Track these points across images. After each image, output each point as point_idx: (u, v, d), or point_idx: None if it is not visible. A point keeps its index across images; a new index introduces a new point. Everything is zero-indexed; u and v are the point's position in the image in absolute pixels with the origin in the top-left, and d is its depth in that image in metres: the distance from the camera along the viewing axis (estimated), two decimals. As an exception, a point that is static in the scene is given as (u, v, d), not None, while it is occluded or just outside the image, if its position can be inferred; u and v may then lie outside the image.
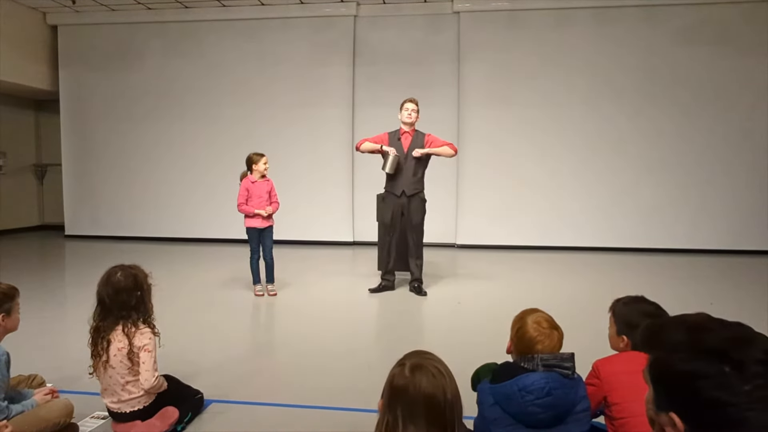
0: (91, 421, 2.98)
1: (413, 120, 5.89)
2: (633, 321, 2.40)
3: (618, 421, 2.21)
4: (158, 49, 10.02)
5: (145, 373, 2.78)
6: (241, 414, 3.13)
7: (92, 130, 10.35)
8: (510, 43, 9.23)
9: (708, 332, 1.03)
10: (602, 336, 2.64)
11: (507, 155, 9.33)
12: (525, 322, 2.22)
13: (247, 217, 5.90)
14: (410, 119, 5.87)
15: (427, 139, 5.91)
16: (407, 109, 5.87)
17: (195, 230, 9.97)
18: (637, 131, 9.07)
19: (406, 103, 5.90)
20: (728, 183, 8.93)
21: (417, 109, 5.89)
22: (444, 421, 1.55)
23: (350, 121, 9.63)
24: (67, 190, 10.55)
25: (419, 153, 5.82)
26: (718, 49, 8.80)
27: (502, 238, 9.33)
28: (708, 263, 8.17)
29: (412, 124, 5.91)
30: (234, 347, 4.35)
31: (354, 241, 9.68)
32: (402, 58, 9.46)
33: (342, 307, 5.76)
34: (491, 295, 6.14)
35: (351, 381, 3.61)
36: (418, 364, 1.61)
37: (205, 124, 9.93)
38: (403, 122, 5.90)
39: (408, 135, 5.93)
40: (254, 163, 5.84)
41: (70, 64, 10.27)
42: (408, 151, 5.86)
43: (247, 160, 5.93)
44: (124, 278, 2.81)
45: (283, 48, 9.69)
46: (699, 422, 1.01)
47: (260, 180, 5.86)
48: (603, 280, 7.01)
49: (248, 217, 5.89)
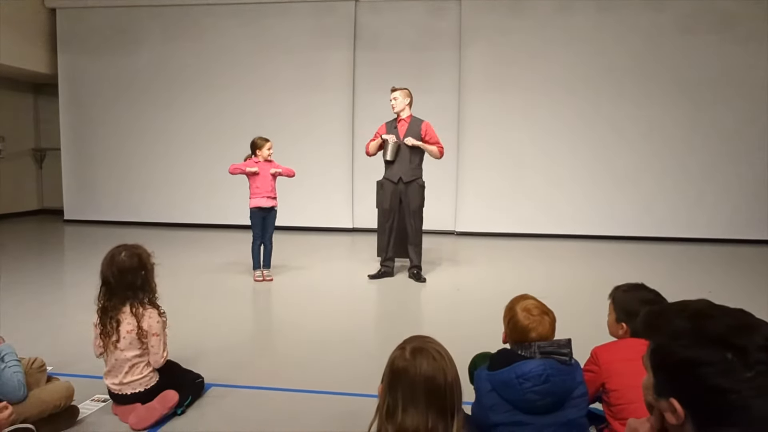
0: (91, 403, 2.99)
1: (397, 108, 5.90)
2: (632, 308, 2.41)
3: (616, 408, 2.22)
4: (157, 32, 9.95)
5: (154, 355, 2.87)
6: (241, 398, 3.14)
7: (91, 114, 10.29)
8: (511, 29, 9.17)
9: (710, 319, 1.03)
10: (601, 323, 2.65)
11: (507, 142, 9.30)
12: (515, 312, 2.23)
13: (252, 197, 5.87)
14: (393, 108, 5.92)
15: (423, 127, 5.90)
16: (390, 99, 5.93)
17: (194, 215, 9.95)
18: (638, 118, 9.04)
19: (390, 93, 5.95)
20: (729, 171, 8.91)
21: (398, 97, 5.88)
22: (444, 404, 1.55)
23: (350, 107, 9.59)
24: (66, 174, 10.52)
25: (411, 143, 5.83)
26: (719, 36, 8.74)
27: (501, 225, 9.33)
28: (708, 252, 8.18)
29: (400, 112, 5.92)
30: (234, 332, 4.36)
31: (354, 228, 9.69)
32: (403, 44, 9.40)
33: (341, 293, 5.77)
34: (490, 282, 6.15)
35: (351, 366, 3.62)
36: (419, 347, 1.62)
37: (204, 108, 9.88)
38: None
39: (404, 122, 5.94)
40: (258, 148, 5.84)
41: (69, 47, 10.20)
42: (403, 139, 5.87)
43: (251, 143, 5.91)
44: (128, 258, 2.82)
45: (283, 32, 9.63)
46: (700, 408, 1.01)
47: (263, 162, 5.87)
48: (603, 268, 7.01)
49: (252, 196, 5.87)
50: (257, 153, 5.85)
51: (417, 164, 5.97)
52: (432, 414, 1.53)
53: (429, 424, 1.53)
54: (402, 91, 5.93)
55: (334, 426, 2.81)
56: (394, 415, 1.55)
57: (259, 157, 5.84)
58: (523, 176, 9.31)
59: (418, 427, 1.52)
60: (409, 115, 5.94)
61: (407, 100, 5.93)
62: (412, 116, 5.96)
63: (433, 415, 1.54)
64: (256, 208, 5.89)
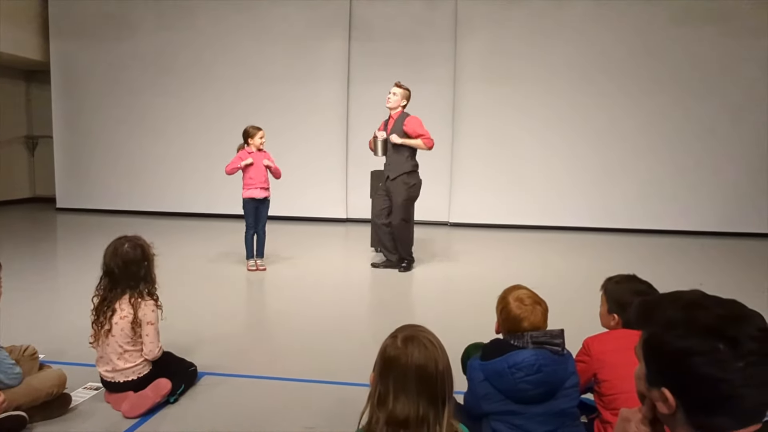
0: (83, 391, 2.99)
1: (390, 105, 5.84)
2: (624, 299, 2.42)
3: (607, 398, 2.24)
4: (151, 19, 9.87)
5: (149, 345, 2.87)
6: (234, 386, 3.15)
7: (84, 101, 10.21)
8: (506, 21, 9.15)
9: (703, 309, 1.04)
10: (593, 314, 2.66)
11: (502, 133, 9.30)
12: (507, 302, 2.23)
13: (245, 188, 5.84)
14: (388, 102, 5.86)
15: (405, 122, 5.77)
16: (389, 92, 5.87)
17: (187, 205, 9.91)
18: (633, 110, 9.05)
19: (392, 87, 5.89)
20: (723, 165, 8.95)
21: (397, 94, 5.81)
22: (435, 392, 1.56)
23: (345, 97, 9.56)
24: (59, 162, 10.44)
25: (394, 140, 5.76)
26: (715, 28, 8.76)
27: (495, 216, 9.34)
28: (701, 245, 8.22)
29: (391, 109, 5.86)
30: (227, 321, 4.37)
31: (347, 218, 9.68)
32: (398, 34, 9.36)
33: (334, 283, 5.78)
34: (483, 273, 6.16)
35: (343, 355, 3.64)
36: (411, 335, 1.63)
37: (198, 97, 9.82)
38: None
39: (392, 119, 5.88)
40: (250, 137, 5.80)
41: (62, 33, 10.10)
42: (389, 135, 5.82)
43: (243, 132, 5.88)
44: (131, 249, 2.84)
45: (278, 21, 9.56)
46: (691, 398, 1.02)
47: (256, 152, 5.83)
48: (596, 259, 7.05)
49: (245, 187, 5.84)
50: (249, 142, 5.81)
51: (405, 158, 5.84)
52: (423, 402, 1.55)
53: (420, 412, 1.54)
54: (402, 91, 5.85)
55: (326, 415, 2.83)
56: (385, 402, 1.56)
57: (252, 147, 5.80)
58: (517, 168, 9.32)
59: (408, 415, 1.53)
60: (398, 111, 5.86)
61: (404, 102, 5.85)
62: (402, 112, 5.87)
63: (424, 403, 1.55)
64: (249, 199, 5.85)
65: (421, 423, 1.54)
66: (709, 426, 1.02)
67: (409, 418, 1.53)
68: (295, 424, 2.73)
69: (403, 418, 1.53)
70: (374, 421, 1.57)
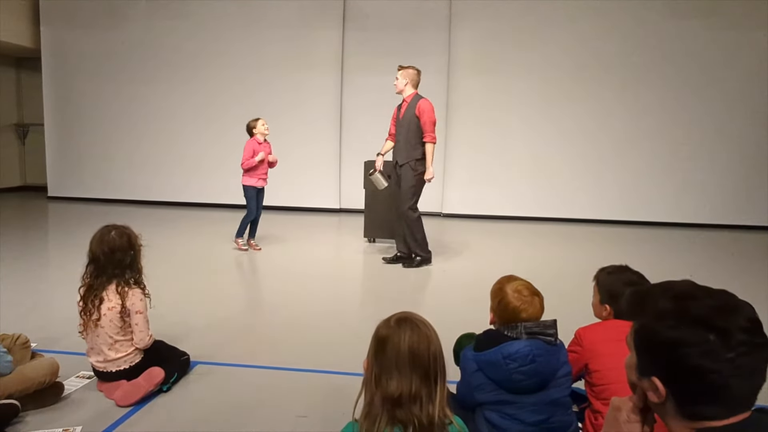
0: (76, 380, 2.98)
1: (397, 90, 5.76)
2: (616, 290, 2.43)
3: (598, 388, 2.25)
4: (142, 7, 9.77)
5: (139, 333, 2.87)
6: (227, 375, 3.16)
7: (75, 89, 10.12)
8: (501, 10, 9.12)
9: (694, 300, 1.05)
10: (586, 304, 2.67)
11: (495, 124, 9.30)
12: (505, 293, 2.22)
13: (245, 174, 6.16)
14: (396, 90, 5.78)
15: (418, 106, 5.64)
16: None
17: (180, 194, 9.87)
18: (627, 101, 9.07)
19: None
20: (714, 158, 8.99)
21: (398, 77, 5.73)
22: (428, 371, 1.59)
23: (339, 87, 9.51)
24: (50, 150, 10.36)
25: (429, 177, 5.69)
26: (707, 22, 8.77)
27: (488, 207, 9.36)
28: (694, 236, 8.27)
29: (401, 92, 5.75)
30: (220, 310, 4.36)
31: (340, 208, 9.67)
32: (393, 24, 9.31)
33: (327, 272, 5.78)
34: (476, 264, 6.18)
35: (336, 344, 3.65)
36: (403, 317, 1.67)
37: (190, 86, 9.74)
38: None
39: (405, 103, 5.75)
40: (254, 128, 6.21)
41: (53, 20, 9.99)
42: (402, 119, 5.71)
43: (247, 128, 6.26)
44: (118, 237, 2.84)
45: (272, 9, 9.49)
46: (682, 387, 1.03)
47: (264, 143, 6.21)
48: (589, 250, 7.08)
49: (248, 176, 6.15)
50: (254, 133, 6.17)
51: (414, 145, 5.68)
52: (416, 379, 1.57)
53: (413, 390, 1.56)
54: (402, 71, 5.73)
55: (318, 403, 2.84)
56: (379, 382, 1.59)
57: (258, 136, 6.16)
58: (511, 158, 9.32)
59: (402, 392, 1.56)
60: (410, 94, 5.73)
61: (405, 80, 5.71)
62: (415, 95, 5.73)
63: (416, 381, 1.57)
64: (251, 186, 6.19)
65: (414, 400, 1.56)
66: (699, 414, 1.03)
67: (402, 394, 1.56)
68: (287, 413, 2.74)
69: (396, 395, 1.56)
70: (370, 402, 1.60)
